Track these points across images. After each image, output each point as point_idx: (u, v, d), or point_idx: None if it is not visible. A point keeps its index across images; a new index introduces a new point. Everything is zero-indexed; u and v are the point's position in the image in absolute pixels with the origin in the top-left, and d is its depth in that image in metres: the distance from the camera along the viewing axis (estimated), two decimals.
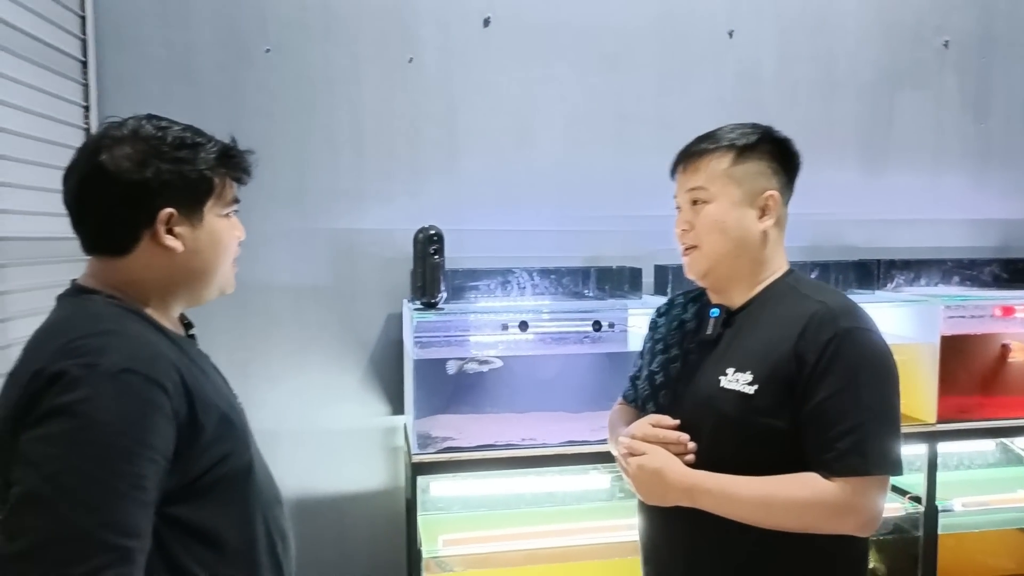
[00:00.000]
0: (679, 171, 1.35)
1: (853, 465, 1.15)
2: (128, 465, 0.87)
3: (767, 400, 1.19)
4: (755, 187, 1.28)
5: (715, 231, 1.28)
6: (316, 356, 2.41)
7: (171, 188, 1.01)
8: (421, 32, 2.41)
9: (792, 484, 1.17)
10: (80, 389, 0.87)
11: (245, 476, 1.03)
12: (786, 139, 1.33)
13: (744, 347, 1.26)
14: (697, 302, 1.41)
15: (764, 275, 1.31)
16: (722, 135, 1.32)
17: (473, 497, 2.22)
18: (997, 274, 2.69)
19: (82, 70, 2.19)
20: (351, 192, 2.41)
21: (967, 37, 2.77)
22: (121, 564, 0.85)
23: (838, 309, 1.21)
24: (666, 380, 1.35)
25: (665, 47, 2.56)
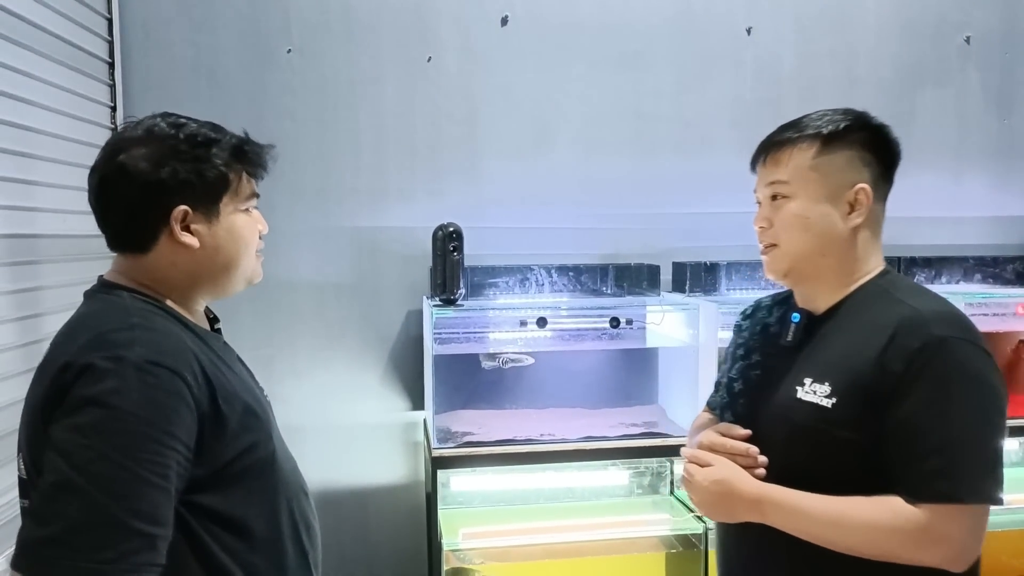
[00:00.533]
0: (759, 163, 1.23)
1: (941, 490, 1.01)
2: (154, 455, 0.89)
3: (845, 413, 1.08)
4: (843, 180, 1.15)
5: (796, 229, 1.17)
6: (339, 352, 2.45)
7: (187, 186, 1.02)
8: (440, 32, 2.44)
9: (870, 506, 1.05)
10: (108, 380, 0.89)
11: (270, 466, 1.05)
12: (882, 126, 1.19)
13: (824, 356, 1.15)
14: (784, 305, 1.30)
15: (854, 277, 1.18)
16: (807, 123, 1.18)
17: (493, 492, 2.23)
18: (1020, 272, 2.66)
19: (109, 71, 2.23)
20: (373, 191, 2.44)
21: (989, 33, 2.74)
22: (147, 551, 0.88)
23: (932, 315, 1.08)
24: (745, 388, 1.26)
25: (683, 45, 2.56)
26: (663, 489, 2.33)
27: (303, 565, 1.10)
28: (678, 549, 2.12)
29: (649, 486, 2.33)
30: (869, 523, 1.05)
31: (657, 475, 2.33)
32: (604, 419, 2.31)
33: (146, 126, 1.05)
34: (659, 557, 2.13)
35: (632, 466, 2.28)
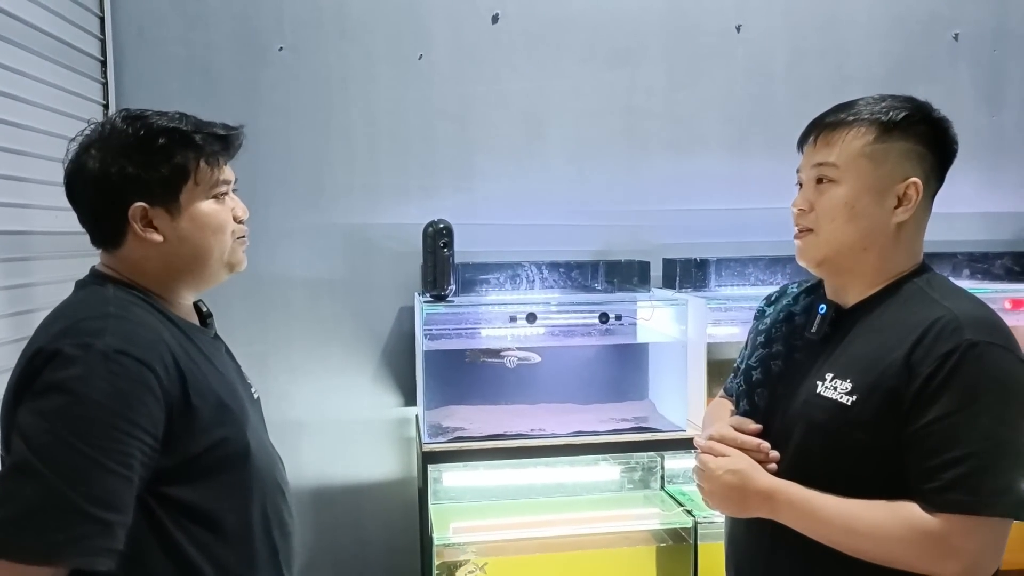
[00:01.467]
0: (809, 142, 1.15)
1: (959, 500, 0.97)
2: (115, 442, 0.91)
3: (866, 414, 1.04)
4: (896, 172, 1.09)
5: (839, 217, 1.10)
6: (332, 348, 2.46)
7: (140, 183, 1.03)
8: (432, 29, 2.45)
9: (885, 512, 1.01)
10: (74, 367, 0.91)
11: (244, 461, 1.06)
12: (943, 119, 1.13)
13: (850, 351, 1.10)
14: (812, 294, 1.24)
15: (890, 273, 1.13)
16: (866, 107, 1.11)
17: (484, 487, 2.25)
18: (1009, 267, 2.67)
19: (101, 69, 2.24)
20: (365, 187, 2.45)
21: (979, 30, 2.75)
22: (101, 536, 0.89)
23: (967, 318, 1.02)
24: (764, 378, 1.21)
25: (674, 42, 2.57)
26: (653, 484, 2.35)
27: (273, 562, 1.10)
28: (668, 543, 2.13)
29: (639, 481, 2.35)
30: (883, 530, 1.01)
31: (647, 470, 2.34)
32: (595, 414, 2.33)
33: (104, 125, 1.06)
34: (649, 551, 2.15)
35: (622, 461, 2.30)
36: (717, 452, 1.16)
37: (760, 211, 2.56)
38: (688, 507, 2.17)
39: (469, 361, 2.28)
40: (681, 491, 2.31)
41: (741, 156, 2.62)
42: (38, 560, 0.87)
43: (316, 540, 2.49)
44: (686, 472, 2.38)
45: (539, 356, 2.28)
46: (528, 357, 2.27)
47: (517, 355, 2.25)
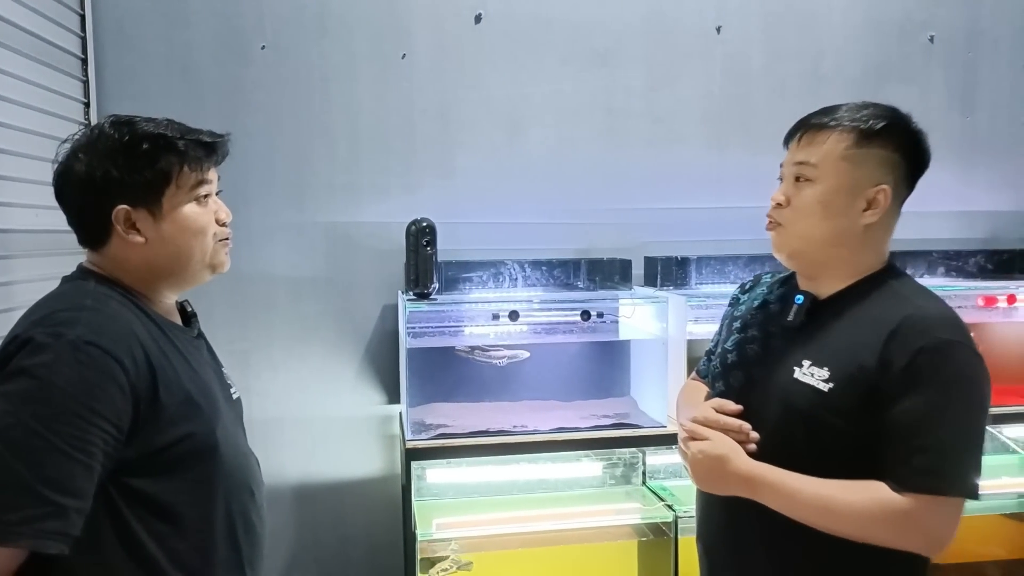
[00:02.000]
0: (793, 141, 1.23)
1: (928, 482, 1.06)
2: (76, 429, 0.93)
3: (841, 401, 1.12)
4: (868, 177, 1.16)
5: (813, 215, 1.18)
6: (315, 346, 2.46)
7: (123, 186, 1.06)
8: (414, 29, 2.46)
9: (857, 490, 1.09)
10: (43, 354, 0.94)
11: (209, 458, 1.07)
12: (919, 132, 1.20)
13: (826, 341, 1.17)
14: (786, 284, 1.32)
15: (860, 268, 1.20)
16: (848, 113, 1.18)
17: (467, 484, 2.26)
18: (982, 265, 2.73)
19: (82, 67, 2.23)
20: (347, 186, 2.46)
21: (953, 32, 2.80)
22: (54, 518, 0.91)
23: (937, 317, 1.11)
24: (739, 361, 1.28)
25: (654, 43, 2.60)
26: (635, 479, 2.38)
27: (234, 561, 1.12)
28: (649, 537, 2.16)
29: (621, 476, 2.37)
30: (856, 509, 1.09)
31: (629, 465, 2.37)
32: (577, 411, 2.35)
33: (93, 130, 1.10)
34: (631, 545, 2.18)
35: (604, 457, 2.32)
36: (700, 436, 1.22)
37: (739, 209, 2.60)
38: (669, 502, 2.20)
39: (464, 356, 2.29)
40: (662, 486, 2.34)
41: (720, 155, 2.66)
42: None
43: (298, 537, 2.49)
44: (667, 467, 2.41)
45: (527, 352, 2.30)
46: (517, 355, 2.29)
47: (507, 355, 2.27)
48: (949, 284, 2.52)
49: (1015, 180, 2.90)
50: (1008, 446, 2.66)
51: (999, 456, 2.68)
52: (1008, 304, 2.41)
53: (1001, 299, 2.41)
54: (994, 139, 2.87)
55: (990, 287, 2.46)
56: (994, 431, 2.65)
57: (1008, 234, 2.89)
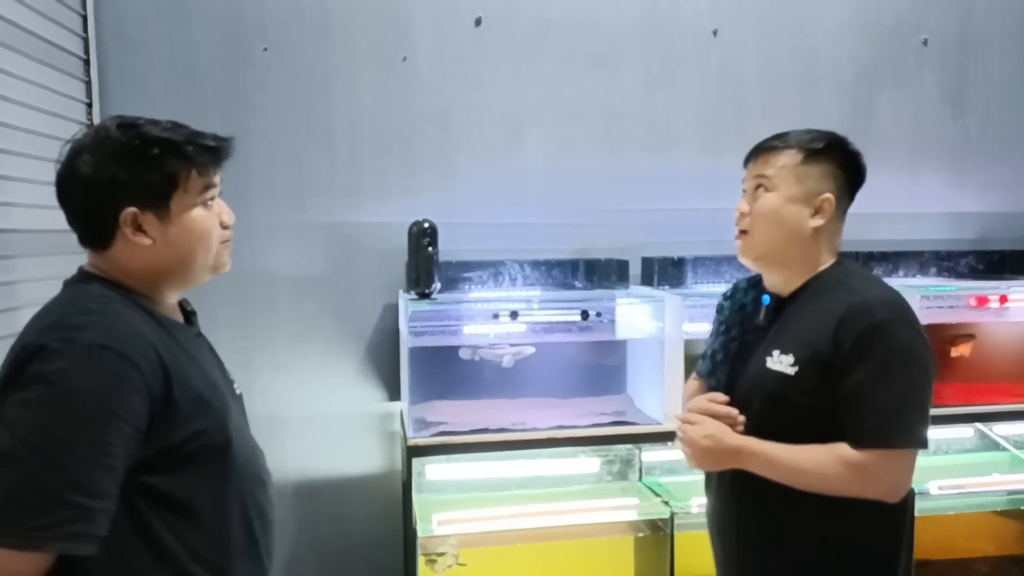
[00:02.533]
0: (751, 161, 1.44)
1: (879, 438, 1.27)
2: (95, 432, 0.94)
3: (805, 381, 1.32)
4: (814, 188, 1.37)
5: (769, 220, 1.39)
6: (316, 345, 2.48)
7: (132, 188, 1.06)
8: (414, 32, 2.48)
9: (822, 451, 1.30)
10: (58, 361, 0.95)
11: (221, 453, 1.09)
12: (856, 152, 1.42)
13: (789, 333, 1.38)
14: (757, 288, 1.52)
15: (813, 266, 1.41)
16: (796, 137, 1.40)
17: (467, 480, 2.28)
18: (973, 265, 2.76)
19: (84, 68, 2.25)
20: (348, 187, 2.48)
21: (945, 35, 2.84)
22: (80, 521, 0.93)
23: (876, 302, 1.30)
24: (725, 359, 1.50)
25: (651, 46, 2.63)
26: (631, 476, 2.40)
27: (252, 551, 1.14)
28: (646, 533, 2.19)
29: (618, 473, 2.40)
30: (823, 467, 1.30)
31: (626, 462, 2.40)
32: (575, 408, 2.38)
33: (98, 131, 1.09)
34: (628, 541, 2.20)
35: (602, 454, 2.35)
36: (693, 421, 1.43)
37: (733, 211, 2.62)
38: (665, 498, 2.23)
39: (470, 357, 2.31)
40: (658, 483, 2.36)
41: (715, 157, 2.69)
42: (20, 544, 0.90)
43: (299, 533, 2.51)
44: (663, 464, 2.44)
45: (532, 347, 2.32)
46: (522, 351, 2.31)
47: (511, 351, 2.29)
48: (941, 284, 2.55)
49: (1006, 182, 2.94)
50: (998, 444, 2.69)
51: (989, 454, 2.71)
52: (1000, 304, 2.45)
53: (993, 299, 2.45)
54: (985, 141, 2.91)
55: (982, 287, 2.49)
56: (984, 429, 2.69)
57: (998, 235, 2.93)
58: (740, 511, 1.45)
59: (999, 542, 2.69)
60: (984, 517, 2.65)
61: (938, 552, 2.60)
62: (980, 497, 2.50)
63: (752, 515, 1.42)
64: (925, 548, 2.45)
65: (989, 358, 2.65)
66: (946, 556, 2.65)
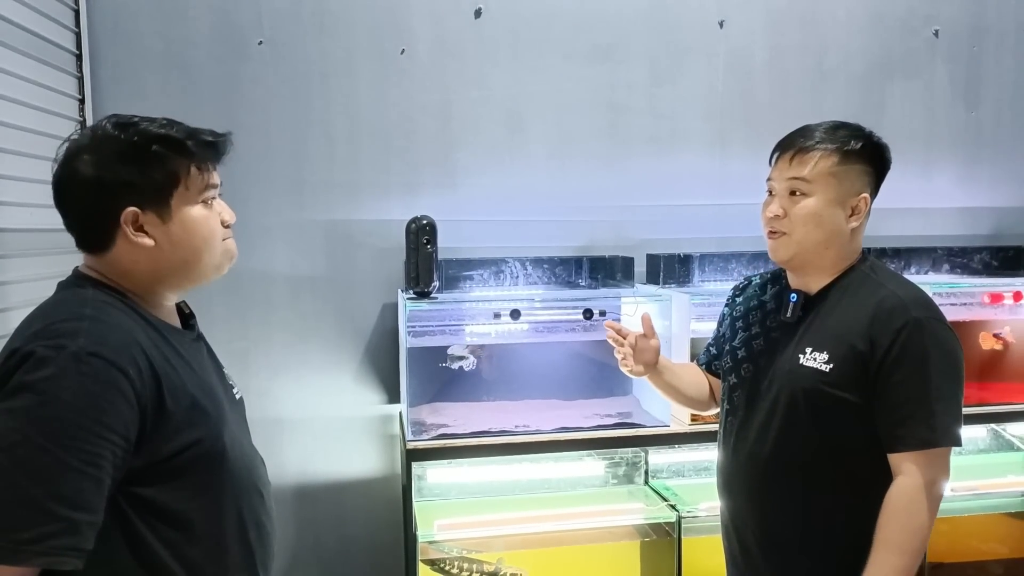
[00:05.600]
0: (784, 158, 1.41)
1: (924, 437, 1.28)
2: (83, 443, 0.91)
3: (840, 376, 1.32)
4: (852, 189, 1.37)
5: (810, 224, 1.37)
6: (314, 345, 2.44)
7: (132, 188, 1.04)
8: (413, 24, 2.43)
9: (900, 514, 1.28)
10: (46, 368, 0.92)
11: (217, 463, 1.06)
12: (885, 146, 1.42)
13: (821, 330, 1.38)
14: (775, 284, 1.52)
15: (842, 264, 1.41)
16: (830, 135, 1.38)
17: (468, 484, 2.24)
18: (987, 262, 2.71)
19: (76, 63, 2.20)
20: (347, 184, 2.43)
21: (957, 26, 2.78)
22: (67, 534, 0.90)
23: (910, 299, 1.32)
24: (747, 355, 1.49)
25: (656, 37, 2.57)
26: (637, 479, 2.36)
27: (248, 563, 1.11)
28: (652, 537, 2.15)
29: (624, 476, 2.36)
30: (914, 518, 1.28)
31: (632, 465, 2.35)
32: (579, 410, 2.33)
33: (95, 131, 1.06)
34: (634, 545, 2.16)
35: (607, 456, 2.30)
36: None
37: (741, 206, 2.57)
38: (672, 502, 2.18)
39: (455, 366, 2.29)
40: (665, 486, 2.32)
41: (722, 152, 2.63)
42: (4, 559, 0.87)
43: (299, 538, 2.47)
44: (670, 467, 2.39)
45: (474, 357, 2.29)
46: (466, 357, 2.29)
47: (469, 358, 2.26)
48: (955, 281, 2.50)
49: (1019, 176, 2.88)
50: (1012, 444, 2.64)
51: (1004, 454, 2.66)
52: (1015, 301, 2.39)
53: (1007, 296, 2.39)
54: (998, 134, 2.85)
55: (996, 284, 2.44)
56: (999, 429, 2.64)
57: (1012, 230, 2.87)
58: (764, 514, 1.42)
59: (1013, 543, 2.64)
60: (998, 519, 2.60)
61: (952, 555, 2.55)
62: (994, 499, 2.46)
63: (779, 519, 1.40)
64: (939, 551, 2.41)
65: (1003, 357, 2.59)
66: (960, 559, 2.60)
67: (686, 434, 2.17)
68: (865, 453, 1.34)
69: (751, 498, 1.44)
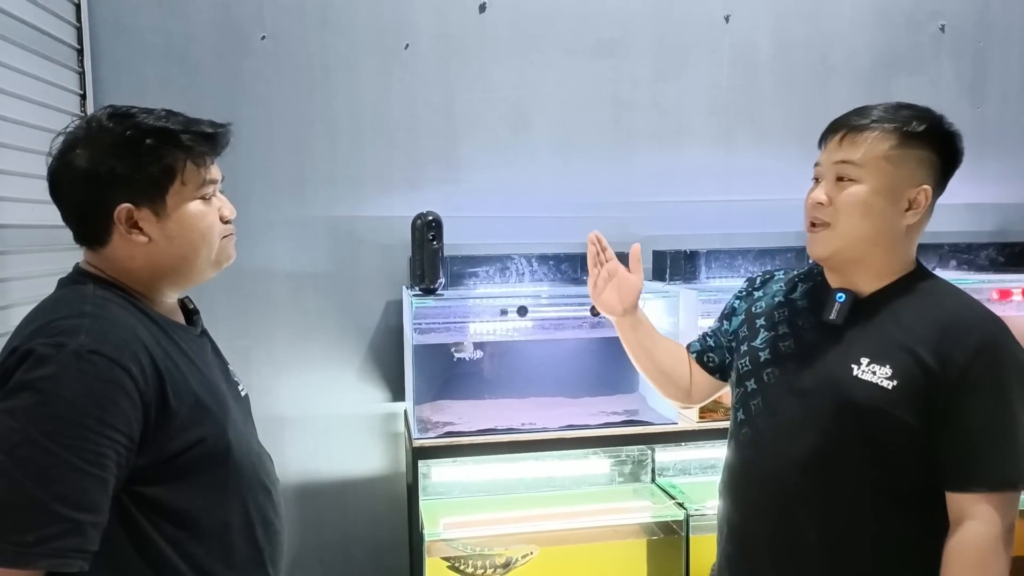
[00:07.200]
0: (833, 140, 1.22)
1: (1003, 477, 1.12)
2: (86, 442, 0.90)
3: (905, 398, 1.14)
4: (910, 178, 1.18)
5: (856, 214, 1.18)
6: (317, 343, 2.42)
7: (127, 183, 1.01)
8: (417, 19, 2.41)
9: (976, 565, 1.11)
10: (46, 367, 0.90)
11: (222, 461, 1.04)
12: (956, 134, 1.22)
13: (880, 338, 1.18)
14: (807, 281, 1.33)
15: (897, 267, 1.22)
16: (889, 114, 1.19)
17: (474, 482, 2.22)
18: (994, 258, 2.69)
19: (78, 58, 2.18)
20: (350, 179, 2.41)
21: (963, 21, 2.76)
22: (71, 535, 0.88)
23: (987, 316, 1.16)
24: (773, 358, 1.28)
25: (661, 32, 2.55)
26: (644, 477, 2.34)
27: (256, 561, 1.09)
28: (659, 536, 2.13)
29: (630, 474, 2.34)
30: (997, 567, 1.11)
31: (638, 463, 2.34)
32: (585, 408, 2.31)
33: (90, 122, 1.04)
34: (640, 544, 2.14)
35: (613, 454, 2.29)
36: None
37: (746, 202, 2.56)
38: (679, 500, 2.16)
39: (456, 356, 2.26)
40: (672, 484, 2.30)
41: (727, 147, 2.61)
42: (8, 561, 0.86)
43: (302, 537, 2.45)
44: (677, 465, 2.37)
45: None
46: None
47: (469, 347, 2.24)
48: (963, 277, 2.48)
49: None
50: None
51: None
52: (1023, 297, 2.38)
53: (1016, 292, 2.37)
54: (1004, 130, 2.83)
55: (1005, 280, 2.42)
56: None
57: (1017, 226, 2.86)
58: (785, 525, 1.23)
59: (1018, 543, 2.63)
60: None
61: None
62: None
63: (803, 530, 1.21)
64: None
65: None
66: None
67: (693, 432, 2.15)
68: (916, 485, 1.16)
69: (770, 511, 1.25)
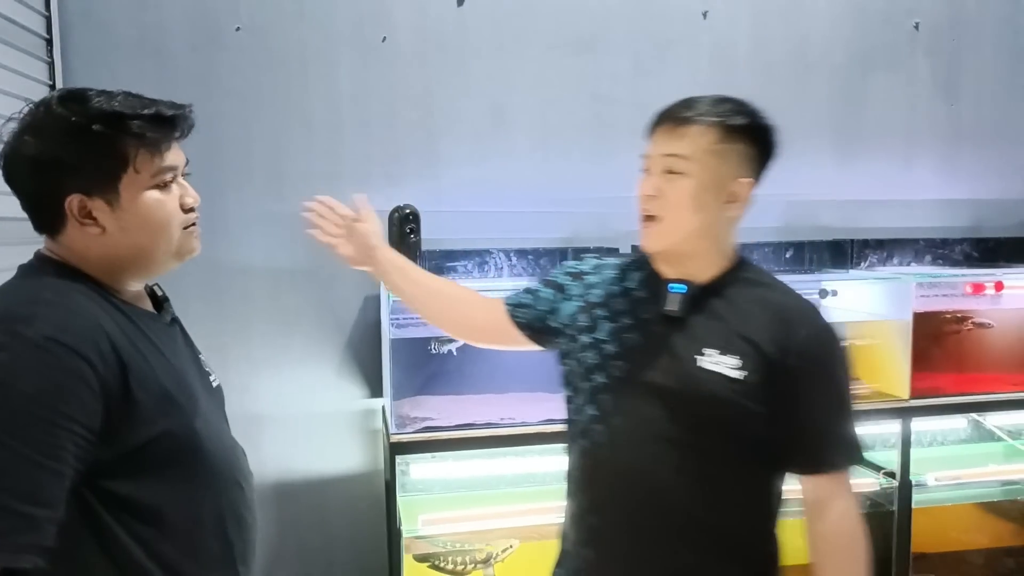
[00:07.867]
0: (660, 131, 1.24)
1: (849, 456, 1.22)
2: (43, 434, 0.86)
3: (753, 387, 1.17)
4: (732, 171, 1.21)
5: (685, 208, 1.20)
6: (294, 339, 2.39)
7: (76, 172, 0.97)
8: (395, 11, 2.39)
9: (852, 543, 1.21)
10: (1, 355, 0.87)
11: (191, 454, 1.01)
12: (772, 127, 1.24)
13: (724, 330, 1.20)
14: (640, 270, 1.31)
15: (722, 257, 1.26)
16: (712, 108, 1.21)
17: (453, 479, 2.22)
18: (968, 253, 2.73)
19: (47, 48, 2.14)
20: (327, 174, 2.39)
21: (938, 19, 2.79)
22: (25, 532, 0.85)
23: (809, 305, 1.24)
24: (620, 351, 1.25)
25: (640, 28, 2.56)
26: None
27: (226, 557, 1.06)
28: None
29: None
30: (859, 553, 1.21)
31: None
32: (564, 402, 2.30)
33: (38, 106, 0.99)
34: None
35: None
36: None
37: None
38: None
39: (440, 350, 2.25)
40: None
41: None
42: None
43: (280, 535, 2.42)
44: None
45: None
46: None
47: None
48: (936, 272, 2.51)
49: (999, 168, 2.90)
50: (993, 434, 2.67)
51: (985, 444, 2.69)
52: (996, 291, 2.41)
53: (989, 286, 2.40)
54: (979, 127, 2.87)
55: (978, 274, 2.46)
56: (979, 419, 2.66)
57: (992, 222, 2.89)
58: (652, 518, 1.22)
59: (993, 534, 2.66)
60: (978, 509, 2.62)
61: (932, 545, 2.57)
62: (975, 488, 2.47)
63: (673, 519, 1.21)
64: (921, 541, 2.42)
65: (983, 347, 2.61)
66: (940, 549, 2.62)
67: None
68: (760, 470, 1.23)
69: (636, 516, 1.23)
